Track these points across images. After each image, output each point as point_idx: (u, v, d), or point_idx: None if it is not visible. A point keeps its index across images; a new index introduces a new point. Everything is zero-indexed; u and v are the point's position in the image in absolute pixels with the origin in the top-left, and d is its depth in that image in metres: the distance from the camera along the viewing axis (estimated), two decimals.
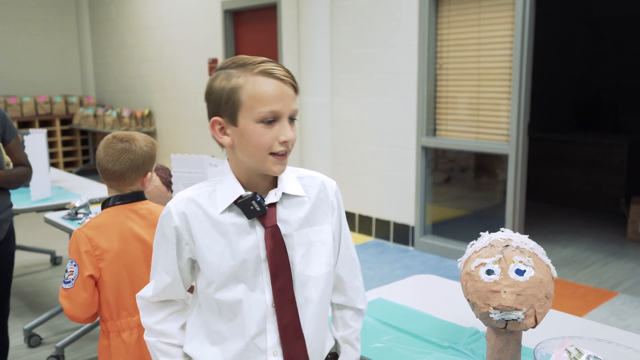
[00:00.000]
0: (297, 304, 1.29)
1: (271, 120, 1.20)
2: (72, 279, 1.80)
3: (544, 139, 6.37)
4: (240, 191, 1.26)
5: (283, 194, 1.29)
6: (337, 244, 1.39)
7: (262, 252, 1.26)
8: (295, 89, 1.24)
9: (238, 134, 1.23)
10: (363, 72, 5.13)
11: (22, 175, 2.48)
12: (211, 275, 1.26)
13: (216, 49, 6.66)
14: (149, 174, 1.94)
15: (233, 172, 1.29)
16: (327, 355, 1.41)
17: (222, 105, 1.23)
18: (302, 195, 1.31)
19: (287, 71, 1.24)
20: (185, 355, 1.38)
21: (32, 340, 3.25)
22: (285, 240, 1.28)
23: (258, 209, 1.25)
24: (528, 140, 4.32)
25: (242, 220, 1.26)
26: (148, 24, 7.75)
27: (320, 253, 1.32)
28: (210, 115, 1.27)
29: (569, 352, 1.26)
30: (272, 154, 1.21)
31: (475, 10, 4.42)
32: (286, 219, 1.29)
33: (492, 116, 4.44)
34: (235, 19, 6.54)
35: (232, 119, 1.22)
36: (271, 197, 1.27)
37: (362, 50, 5.12)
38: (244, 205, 1.25)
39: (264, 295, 1.27)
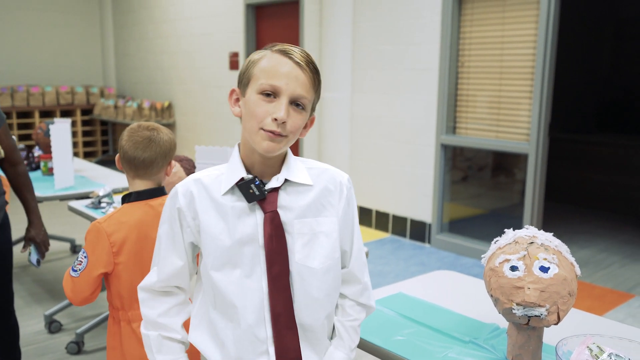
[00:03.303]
0: (292, 294, 1.27)
1: (269, 93, 1.20)
2: (80, 270, 1.81)
3: (565, 140, 6.33)
4: (242, 173, 1.26)
5: (287, 180, 1.28)
6: (349, 238, 1.36)
7: (261, 238, 1.26)
8: (313, 79, 1.24)
9: (244, 105, 1.25)
10: (384, 68, 5.14)
11: (27, 175, 2.49)
12: (208, 255, 1.27)
13: (237, 43, 6.69)
14: (173, 162, 1.97)
15: (240, 155, 1.29)
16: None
17: (241, 76, 1.26)
18: (307, 183, 1.29)
19: (308, 58, 1.24)
20: (184, 350, 1.37)
21: (53, 326, 3.31)
22: (285, 227, 1.26)
23: (257, 193, 1.24)
24: (549, 140, 4.30)
25: (243, 204, 1.26)
26: (170, 16, 7.80)
27: (323, 245, 1.30)
28: None
29: (590, 349, 1.27)
30: (265, 130, 1.20)
31: (499, 8, 4.41)
32: (288, 205, 1.27)
33: (512, 115, 4.43)
34: (257, 13, 6.56)
35: (244, 90, 1.25)
36: (273, 182, 1.27)
37: (384, 46, 5.12)
38: (243, 188, 1.25)
39: (260, 282, 1.26)
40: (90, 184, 3.62)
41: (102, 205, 2.99)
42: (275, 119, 1.19)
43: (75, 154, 8.34)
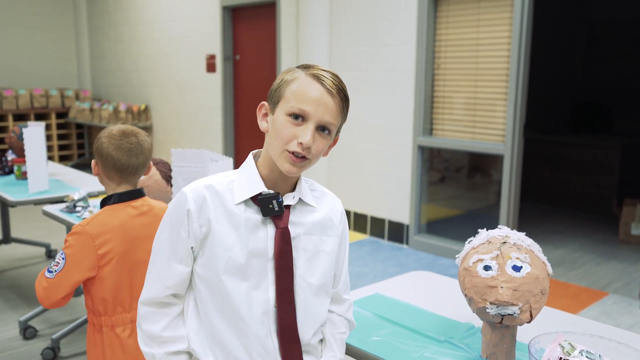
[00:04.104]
0: (295, 308, 1.31)
1: (297, 117, 1.22)
2: (56, 271, 1.78)
3: (540, 140, 6.42)
4: (261, 187, 1.28)
5: (299, 199, 1.32)
6: (342, 262, 1.42)
7: (270, 251, 1.28)
8: (342, 106, 1.26)
9: (272, 122, 1.27)
10: (361, 70, 5.16)
11: None
12: (220, 265, 1.26)
13: (214, 45, 6.67)
14: (151, 163, 1.99)
15: (257, 168, 1.31)
16: None
17: (272, 93, 1.28)
18: (314, 205, 1.35)
19: (340, 85, 1.25)
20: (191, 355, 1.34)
21: (28, 332, 3.26)
22: (292, 242, 1.30)
23: (276, 208, 1.27)
24: (524, 141, 4.36)
25: (256, 216, 1.28)
26: (146, 19, 7.75)
27: (323, 263, 1.35)
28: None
29: (562, 346, 1.29)
30: (289, 152, 1.22)
31: (474, 11, 4.46)
32: (296, 221, 1.31)
33: (488, 116, 4.48)
34: (234, 15, 6.55)
35: (273, 107, 1.27)
36: (288, 200, 1.30)
37: (360, 48, 5.15)
38: (263, 202, 1.26)
39: (267, 294, 1.28)
40: (65, 187, 3.57)
41: (78, 209, 2.96)
42: (301, 143, 1.21)
43: (51, 158, 8.24)
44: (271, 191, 1.28)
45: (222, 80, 6.62)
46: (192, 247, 1.29)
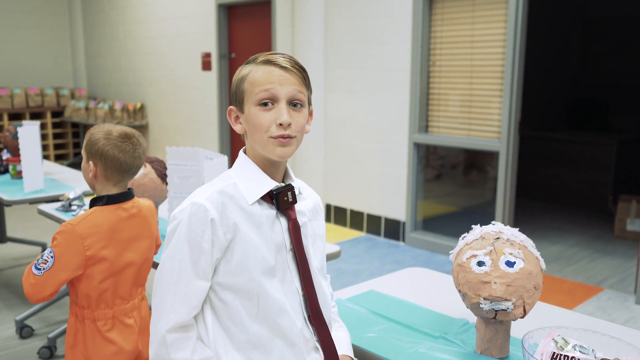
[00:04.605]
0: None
1: (267, 102, 1.24)
2: (44, 269, 1.78)
3: (535, 137, 6.43)
4: (272, 183, 1.30)
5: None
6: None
7: (288, 244, 1.31)
8: (302, 77, 1.28)
9: (245, 121, 1.28)
10: (356, 68, 5.16)
11: None
12: (254, 267, 1.24)
13: (210, 43, 6.66)
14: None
15: (256, 164, 1.32)
16: None
17: (234, 95, 1.30)
18: (303, 193, 1.40)
19: (293, 60, 1.27)
20: None
21: (24, 331, 3.26)
22: (302, 230, 1.34)
23: (290, 199, 1.30)
24: (519, 138, 4.37)
25: (271, 211, 1.30)
26: (141, 17, 7.74)
27: (320, 246, 1.42)
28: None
29: (555, 341, 1.30)
30: (274, 138, 1.24)
31: (469, 8, 4.46)
32: (300, 210, 1.35)
33: (484, 113, 4.49)
34: (229, 13, 6.54)
35: (241, 107, 1.29)
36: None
37: (356, 46, 5.15)
38: (279, 196, 1.29)
39: (293, 285, 1.31)
40: (60, 186, 3.57)
41: (73, 208, 2.96)
42: (281, 124, 1.23)
43: (46, 157, 8.22)
44: (281, 184, 1.31)
45: (218, 79, 6.61)
46: (217, 258, 1.24)
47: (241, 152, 1.34)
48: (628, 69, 7.11)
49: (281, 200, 1.28)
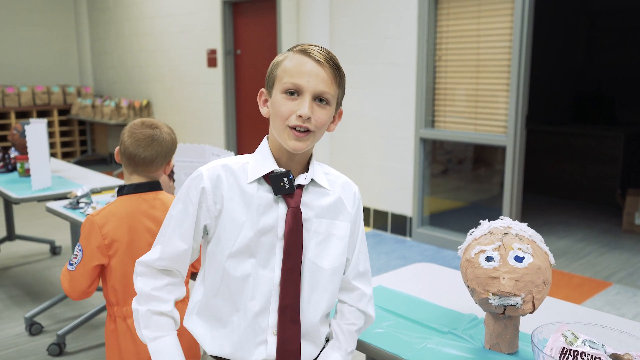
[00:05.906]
0: (300, 289, 1.32)
1: (293, 92, 1.25)
2: (76, 263, 1.83)
3: (542, 131, 6.40)
4: (273, 166, 1.31)
5: (312, 180, 1.34)
6: (353, 247, 1.41)
7: (280, 231, 1.30)
8: (334, 74, 1.28)
9: (271, 105, 1.30)
10: (362, 63, 5.15)
11: None
12: (227, 241, 1.29)
13: (215, 39, 6.66)
14: (172, 161, 1.99)
15: (270, 148, 1.34)
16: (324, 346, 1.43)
17: (267, 78, 1.32)
18: (327, 188, 1.36)
19: (328, 55, 1.28)
20: (173, 327, 1.38)
21: (33, 328, 3.28)
22: (304, 224, 1.32)
23: (287, 186, 1.29)
24: (526, 132, 4.35)
25: (268, 195, 1.30)
26: (147, 14, 7.74)
27: (334, 247, 1.36)
28: None
29: (565, 336, 1.29)
30: (291, 127, 1.25)
31: (474, 2, 4.44)
32: (309, 203, 1.33)
33: (490, 108, 4.47)
34: (234, 10, 6.54)
35: (270, 91, 1.31)
36: (301, 180, 1.32)
37: (361, 41, 5.14)
38: (275, 180, 1.29)
39: (273, 272, 1.31)
40: (68, 184, 3.58)
41: (81, 205, 2.97)
42: (300, 116, 1.24)
43: (54, 155, 8.25)
44: (282, 169, 1.31)
45: (224, 75, 6.61)
46: (205, 225, 1.32)
47: (265, 138, 1.37)
48: (634, 62, 7.07)
49: (277, 184, 1.29)
